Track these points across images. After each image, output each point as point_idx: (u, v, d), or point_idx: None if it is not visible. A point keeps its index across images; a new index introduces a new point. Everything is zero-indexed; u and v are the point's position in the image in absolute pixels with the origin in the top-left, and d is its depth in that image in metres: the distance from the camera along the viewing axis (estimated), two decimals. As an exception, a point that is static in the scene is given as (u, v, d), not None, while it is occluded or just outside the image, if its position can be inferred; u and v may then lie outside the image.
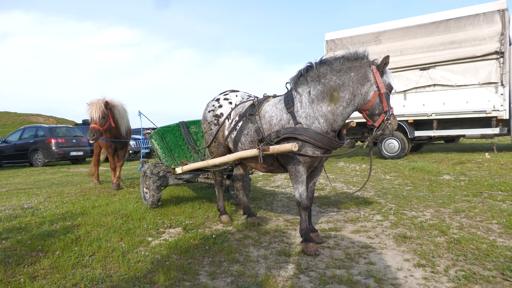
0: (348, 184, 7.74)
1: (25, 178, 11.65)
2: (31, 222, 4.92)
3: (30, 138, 16.70)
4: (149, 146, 18.02)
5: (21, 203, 6.23)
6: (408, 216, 4.82)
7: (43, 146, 16.07)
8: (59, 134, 16.70)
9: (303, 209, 3.72)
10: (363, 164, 10.62)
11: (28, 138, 16.78)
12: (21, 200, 6.59)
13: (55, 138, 16.14)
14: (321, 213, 5.21)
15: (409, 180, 7.70)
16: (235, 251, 3.66)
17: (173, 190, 7.23)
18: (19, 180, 11.09)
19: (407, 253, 3.52)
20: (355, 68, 3.51)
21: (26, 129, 17.64)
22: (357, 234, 4.16)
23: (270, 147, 3.57)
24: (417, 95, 10.94)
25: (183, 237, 4.07)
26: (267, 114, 3.90)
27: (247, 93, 4.78)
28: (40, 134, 16.64)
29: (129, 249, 3.73)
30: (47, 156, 15.94)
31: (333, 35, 12.23)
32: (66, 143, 16.36)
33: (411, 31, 10.94)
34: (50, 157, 16.00)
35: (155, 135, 5.78)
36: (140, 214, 5.19)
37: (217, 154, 4.65)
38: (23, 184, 9.93)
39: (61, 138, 16.33)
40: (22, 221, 4.96)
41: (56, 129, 17.19)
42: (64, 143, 16.25)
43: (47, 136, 16.23)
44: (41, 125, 17.90)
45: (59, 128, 17.72)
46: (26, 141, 16.63)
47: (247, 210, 4.89)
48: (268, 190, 7.27)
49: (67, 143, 16.40)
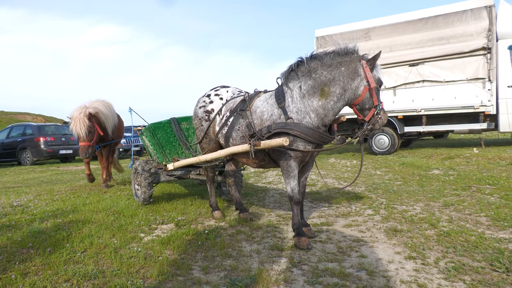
0: (339, 179, 7.79)
1: (13, 176, 11.50)
2: (21, 220, 4.87)
3: (18, 137, 16.48)
4: (139, 143, 17.90)
5: (10, 201, 6.16)
6: (398, 210, 4.87)
7: (32, 144, 15.88)
8: (48, 133, 16.51)
9: (295, 204, 3.73)
10: (354, 160, 10.69)
11: (16, 137, 16.56)
12: (10, 198, 6.52)
13: (43, 136, 15.96)
14: (313, 208, 5.24)
15: (399, 175, 7.77)
16: (228, 246, 3.66)
17: (164, 187, 7.21)
18: (8, 178, 10.95)
19: (398, 246, 3.56)
20: (345, 63, 3.53)
21: (14, 127, 17.39)
22: (349, 228, 4.20)
23: (261, 142, 3.58)
24: (406, 91, 11.03)
25: (176, 233, 4.06)
26: (258, 110, 3.91)
27: (238, 89, 4.78)
28: (28, 133, 16.44)
29: (121, 245, 3.71)
30: (36, 154, 15.76)
31: (323, 31, 12.27)
32: (55, 141, 16.18)
33: (400, 28, 11.02)
34: (39, 156, 15.82)
35: (146, 131, 5.74)
36: (132, 210, 5.16)
37: (209, 150, 4.65)
38: (12, 182, 9.80)
39: (50, 137, 16.15)
40: (12, 219, 4.91)
41: (45, 128, 16.99)
42: (53, 142, 16.08)
43: (35, 135, 16.04)
44: (29, 124, 17.67)
45: (48, 126, 17.50)
46: (14, 140, 16.41)
47: (239, 205, 4.89)
48: (260, 186, 7.28)
49: (56, 141, 16.22)
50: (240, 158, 4.33)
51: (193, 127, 5.89)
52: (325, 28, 12.29)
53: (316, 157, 4.05)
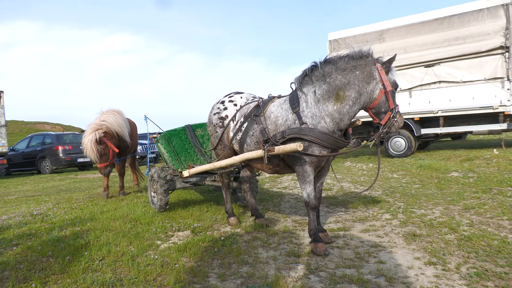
0: (355, 183, 7.71)
1: (33, 185, 11.74)
2: (40, 228, 4.96)
3: (37, 146, 16.84)
4: (155, 150, 18.09)
5: (31, 210, 6.28)
6: (417, 214, 4.79)
7: (51, 153, 16.19)
8: (66, 141, 16.82)
9: (311, 209, 3.71)
10: (370, 164, 10.57)
11: (35, 146, 16.92)
12: (31, 207, 6.64)
13: (62, 145, 16.26)
14: (329, 213, 5.19)
15: (417, 178, 7.65)
16: (244, 253, 3.65)
17: (180, 194, 7.25)
18: (28, 187, 11.18)
19: (418, 251, 3.50)
20: (360, 67, 3.50)
21: (34, 137, 17.79)
22: (366, 233, 4.14)
23: (275, 148, 3.57)
24: (422, 92, 10.87)
25: (192, 240, 4.08)
26: (273, 115, 3.91)
27: (252, 95, 4.79)
28: (47, 142, 16.78)
29: (138, 253, 3.74)
30: (55, 163, 16.06)
31: (336, 34, 12.21)
32: (73, 149, 16.45)
33: (415, 29, 10.89)
34: (58, 164, 16.12)
35: (161, 139, 5.80)
36: (149, 218, 5.20)
37: (223, 156, 4.66)
38: (32, 191, 10.00)
39: (68, 145, 16.44)
40: (32, 227, 5.00)
41: (63, 136, 17.33)
42: (71, 150, 16.35)
43: (54, 144, 16.36)
44: (48, 133, 18.06)
45: (66, 135, 17.86)
46: (34, 149, 16.77)
47: (255, 211, 4.88)
48: (275, 192, 7.26)
49: (74, 150, 16.49)
50: (255, 164, 4.32)
51: (207, 134, 5.92)
52: (338, 31, 12.23)
53: (332, 161, 4.02)
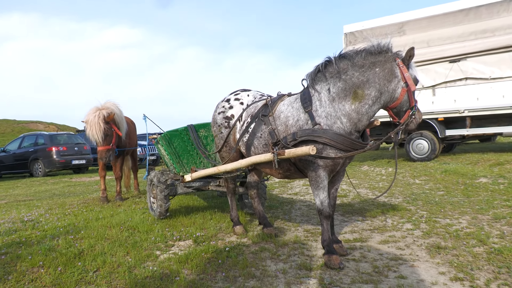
0: (373, 189, 7.64)
1: (25, 189, 11.83)
2: (31, 236, 4.97)
3: (30, 147, 16.98)
4: (155, 152, 18.16)
5: (21, 216, 6.31)
6: (441, 224, 4.73)
7: (44, 154, 16.31)
8: (60, 142, 16.93)
9: (325, 218, 3.66)
10: (389, 168, 10.49)
11: (28, 147, 17.06)
12: (21, 213, 6.68)
13: (56, 146, 16.37)
14: (345, 222, 5.14)
15: (441, 184, 7.57)
16: (251, 265, 3.62)
17: (182, 200, 7.24)
18: (19, 191, 11.27)
19: (442, 265, 3.45)
20: (379, 63, 3.47)
21: (26, 137, 17.94)
22: (385, 245, 4.09)
23: (286, 151, 3.53)
24: (447, 90, 10.75)
25: (194, 250, 4.06)
26: (282, 115, 3.87)
27: (259, 92, 4.76)
28: (40, 142, 16.91)
29: (136, 264, 3.73)
30: (48, 165, 16.18)
31: (353, 27, 12.14)
32: (68, 151, 16.56)
33: (438, 20, 10.77)
34: (51, 167, 16.23)
35: (161, 140, 5.80)
36: (147, 225, 5.20)
37: (229, 159, 4.64)
38: (23, 195, 10.08)
39: (63, 146, 16.55)
40: (22, 235, 5.02)
41: (57, 137, 17.44)
42: (65, 151, 16.46)
43: (47, 144, 16.48)
44: (41, 133, 18.20)
45: (60, 135, 17.98)
46: (26, 150, 16.91)
47: (263, 220, 4.85)
48: (286, 198, 7.22)
49: (69, 151, 16.60)
50: (263, 168, 4.29)
51: (211, 135, 5.91)
52: (355, 24, 12.16)
53: (347, 166, 3.98)
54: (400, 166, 10.61)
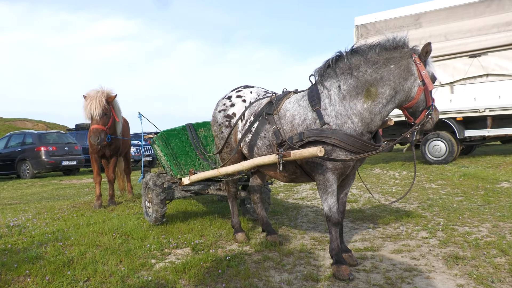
0: (386, 194, 7.63)
1: (11, 192, 11.89)
2: (17, 242, 4.99)
3: (17, 146, 17.07)
4: (151, 153, 18.21)
5: (7, 221, 6.34)
6: (460, 233, 4.72)
7: (32, 155, 16.39)
8: (50, 141, 17.02)
9: (333, 225, 3.66)
10: (404, 171, 10.47)
11: (14, 147, 17.16)
12: (7, 217, 6.71)
13: (45, 146, 16.45)
14: (355, 230, 5.14)
15: (459, 189, 7.56)
16: (253, 276, 3.62)
17: (179, 204, 7.26)
18: (5, 194, 11.33)
19: (461, 277, 3.44)
20: (394, 60, 3.46)
21: (13, 136, 18.04)
22: (399, 255, 4.09)
23: (291, 152, 3.53)
24: (466, 87, 10.73)
25: (192, 259, 4.06)
26: (288, 113, 3.87)
27: (263, 89, 4.76)
28: (28, 142, 17.00)
29: (129, 274, 3.73)
30: (36, 166, 16.26)
31: (365, 19, 12.13)
32: (58, 151, 16.64)
33: (458, 12, 10.75)
34: (40, 168, 16.31)
35: (158, 140, 5.81)
36: (142, 232, 5.20)
37: (230, 161, 4.64)
38: (9, 198, 10.13)
39: (52, 146, 16.63)
40: (8, 241, 5.03)
41: (46, 136, 17.53)
42: (55, 151, 16.54)
43: (36, 144, 16.56)
44: (29, 131, 18.28)
45: (50, 134, 18.06)
46: (13, 150, 17.00)
47: (267, 226, 4.85)
48: (291, 203, 7.22)
49: (59, 151, 16.68)
50: (267, 171, 4.29)
51: (211, 134, 5.92)
52: (367, 15, 12.15)
53: (358, 169, 3.97)
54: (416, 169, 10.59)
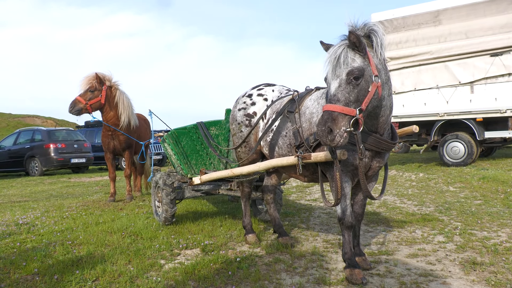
0: (401, 197, 7.59)
1: (20, 189, 12.06)
2: (26, 240, 5.07)
3: (26, 143, 17.28)
4: (161, 151, 18.30)
5: (16, 218, 6.44)
6: (478, 237, 4.68)
7: (41, 152, 16.57)
8: (59, 138, 17.18)
9: (346, 228, 3.65)
10: (420, 173, 10.39)
11: (24, 143, 17.37)
12: (16, 215, 6.82)
13: (54, 143, 16.61)
14: (369, 233, 5.12)
15: (478, 192, 7.49)
16: (264, 278, 3.64)
17: (189, 204, 7.30)
18: (14, 191, 11.49)
19: (478, 283, 3.41)
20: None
21: (22, 132, 18.25)
22: (414, 259, 4.07)
23: (312, 155, 3.54)
24: (487, 87, 10.60)
25: (202, 260, 4.09)
26: (308, 111, 3.89)
27: (285, 87, 4.76)
28: (37, 139, 17.19)
29: (138, 274, 3.77)
30: (45, 163, 16.44)
31: (382, 15, 12.05)
32: (67, 148, 16.80)
33: (479, 8, 10.62)
34: (49, 165, 16.49)
35: (168, 138, 5.83)
36: (151, 232, 5.25)
37: (246, 160, 4.64)
38: (18, 196, 10.27)
39: (61, 143, 16.79)
40: (17, 239, 5.12)
41: (55, 133, 17.71)
42: (64, 149, 16.70)
43: (45, 141, 16.74)
44: (39, 128, 18.48)
45: (59, 131, 18.24)
46: (22, 147, 17.21)
47: (279, 228, 4.86)
48: (303, 204, 7.22)
49: (68, 149, 16.84)
50: (288, 172, 4.29)
51: (222, 134, 5.94)
52: (384, 12, 12.07)
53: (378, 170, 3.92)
54: (433, 171, 10.52)
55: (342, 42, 3.23)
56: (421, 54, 11.34)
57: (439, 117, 11.19)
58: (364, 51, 3.15)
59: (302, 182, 4.34)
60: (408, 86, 11.70)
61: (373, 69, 3.15)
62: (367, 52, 3.18)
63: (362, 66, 3.11)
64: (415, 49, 11.42)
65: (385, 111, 3.44)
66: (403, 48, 11.62)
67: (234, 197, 6.71)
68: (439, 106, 11.17)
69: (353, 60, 3.12)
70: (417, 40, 11.42)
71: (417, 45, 11.42)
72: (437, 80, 11.22)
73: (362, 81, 3.09)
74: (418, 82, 11.55)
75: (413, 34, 11.47)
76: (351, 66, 3.10)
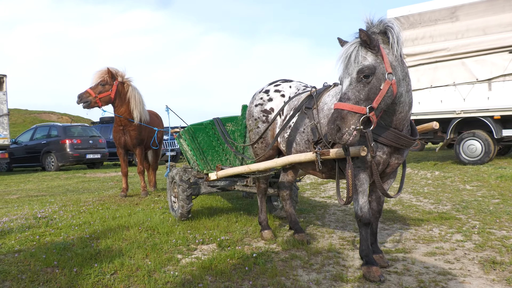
0: (417, 195, 7.53)
1: (37, 183, 12.23)
2: (45, 234, 5.15)
3: (42, 139, 17.51)
4: (175, 147, 18.40)
5: (34, 212, 6.53)
6: (497, 237, 4.62)
7: (57, 147, 16.78)
8: (74, 134, 17.38)
9: (363, 226, 3.63)
10: (436, 171, 10.30)
11: (40, 139, 17.60)
12: (34, 209, 6.91)
13: (69, 138, 16.81)
14: (385, 231, 5.09)
15: (496, 191, 7.39)
16: (281, 274, 3.64)
17: (205, 199, 7.33)
18: (31, 186, 11.66)
19: (498, 282, 3.37)
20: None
21: (38, 128, 18.51)
22: (432, 257, 4.03)
23: (331, 151, 3.52)
24: (505, 84, 10.46)
25: (218, 255, 4.11)
26: (326, 106, 3.88)
27: (302, 83, 4.75)
28: (53, 134, 17.41)
29: (155, 268, 3.80)
30: (61, 159, 16.64)
31: (398, 11, 11.95)
32: (82, 144, 16.98)
33: (498, 4, 10.47)
34: (64, 160, 16.69)
35: (184, 134, 5.86)
36: (168, 227, 5.29)
37: (263, 156, 4.65)
38: (35, 190, 10.42)
39: (77, 139, 16.99)
40: (36, 232, 5.20)
41: (71, 129, 17.91)
42: (79, 144, 16.89)
43: (61, 137, 16.95)
44: (55, 124, 18.71)
45: (74, 127, 18.45)
46: (38, 142, 17.45)
47: (295, 224, 4.85)
48: (318, 201, 7.20)
49: (83, 144, 17.02)
50: (305, 168, 4.29)
51: (239, 130, 5.94)
52: (400, 8, 11.98)
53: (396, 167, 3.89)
54: (449, 169, 10.42)
55: (354, 40, 3.22)
56: (438, 51, 11.23)
57: (455, 114, 11.08)
58: (376, 49, 3.13)
59: (319, 178, 4.33)
60: (424, 83, 11.60)
61: (386, 66, 3.13)
62: (381, 49, 3.15)
63: (374, 64, 3.09)
64: (432, 46, 11.31)
65: (404, 107, 3.42)
66: (419, 45, 11.53)
67: (249, 193, 6.72)
68: (455, 103, 11.06)
69: (364, 58, 3.11)
70: (433, 37, 11.31)
71: (433, 42, 11.31)
72: (454, 77, 11.11)
73: (373, 79, 3.08)
74: (434, 79, 11.45)
75: (429, 30, 11.36)
76: (362, 64, 3.08)
